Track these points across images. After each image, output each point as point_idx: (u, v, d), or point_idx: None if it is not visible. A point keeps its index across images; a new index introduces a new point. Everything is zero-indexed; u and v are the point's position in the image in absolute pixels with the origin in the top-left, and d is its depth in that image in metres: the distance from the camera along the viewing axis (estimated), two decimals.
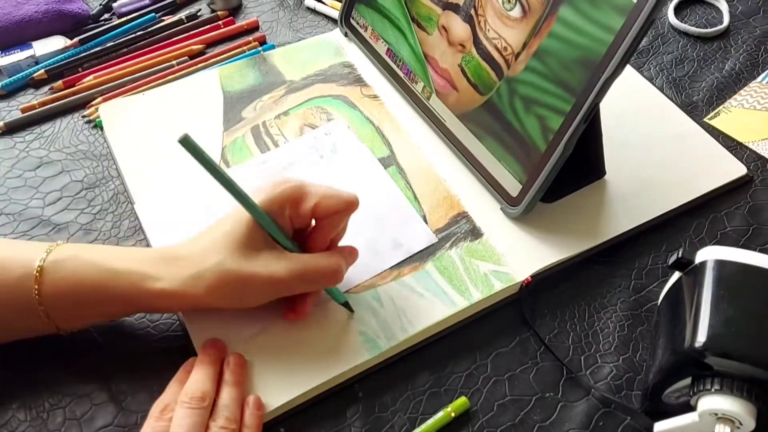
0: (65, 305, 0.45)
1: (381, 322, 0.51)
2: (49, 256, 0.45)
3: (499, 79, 0.55)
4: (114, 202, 0.59)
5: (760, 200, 0.59)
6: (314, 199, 0.46)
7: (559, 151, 0.51)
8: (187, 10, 0.77)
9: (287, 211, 0.46)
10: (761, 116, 0.66)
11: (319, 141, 0.62)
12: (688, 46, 0.73)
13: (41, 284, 0.44)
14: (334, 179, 0.59)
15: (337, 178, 0.60)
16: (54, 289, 0.45)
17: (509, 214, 0.56)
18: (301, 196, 0.46)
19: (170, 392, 0.45)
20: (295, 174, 0.60)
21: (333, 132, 0.63)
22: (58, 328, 0.47)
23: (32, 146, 0.64)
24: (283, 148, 0.62)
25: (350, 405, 0.48)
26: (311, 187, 0.47)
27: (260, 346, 0.49)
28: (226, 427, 0.43)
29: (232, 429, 0.43)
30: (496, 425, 0.47)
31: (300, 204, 0.46)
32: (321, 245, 0.48)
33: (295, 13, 0.77)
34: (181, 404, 0.43)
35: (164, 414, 0.43)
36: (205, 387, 0.44)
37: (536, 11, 0.52)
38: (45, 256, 0.45)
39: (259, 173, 0.60)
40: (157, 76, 0.69)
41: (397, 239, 0.55)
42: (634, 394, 0.49)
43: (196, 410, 0.43)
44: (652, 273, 0.55)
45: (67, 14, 0.73)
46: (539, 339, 0.51)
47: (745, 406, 0.39)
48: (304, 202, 0.46)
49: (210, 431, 0.43)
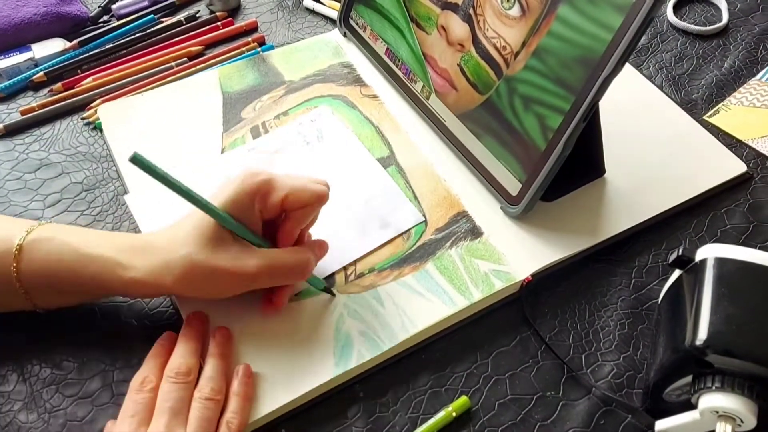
0: (41, 284, 0.47)
1: (382, 321, 0.51)
2: (29, 235, 0.46)
3: (498, 79, 0.55)
4: (114, 204, 0.59)
5: (759, 197, 0.59)
6: (283, 191, 0.47)
7: (559, 150, 0.51)
8: (186, 12, 0.77)
9: (256, 205, 0.47)
10: (761, 113, 0.66)
11: (305, 127, 0.63)
12: (687, 44, 0.73)
13: (19, 262, 0.46)
14: (320, 165, 0.60)
15: (324, 163, 0.60)
16: (31, 268, 0.46)
17: (509, 213, 0.56)
18: (269, 190, 0.47)
19: (147, 366, 0.46)
20: (282, 161, 0.61)
21: (318, 119, 0.63)
22: (35, 305, 0.48)
23: (32, 148, 0.64)
24: (269, 135, 0.63)
25: (351, 405, 0.48)
26: (280, 180, 0.47)
27: (261, 347, 0.49)
28: (210, 398, 0.44)
29: (216, 400, 0.44)
30: (497, 424, 0.47)
31: (269, 197, 0.47)
32: (290, 237, 0.49)
33: (294, 14, 0.77)
34: (166, 379, 0.45)
35: (144, 386, 0.45)
36: (190, 361, 0.46)
37: (535, 10, 0.52)
38: (25, 235, 0.46)
39: (246, 160, 0.61)
40: (156, 77, 0.69)
41: (384, 219, 0.56)
42: (635, 392, 0.49)
43: (181, 384, 0.44)
44: (652, 271, 0.55)
45: (66, 16, 0.73)
46: (540, 338, 0.51)
47: (746, 404, 0.39)
48: (273, 195, 0.47)
49: (194, 402, 0.44)
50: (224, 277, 0.46)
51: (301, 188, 0.47)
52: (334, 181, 0.58)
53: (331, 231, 0.55)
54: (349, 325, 0.50)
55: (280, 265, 0.47)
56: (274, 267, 0.47)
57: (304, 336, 0.50)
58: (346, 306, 0.52)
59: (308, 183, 0.48)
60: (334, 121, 0.63)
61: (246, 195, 0.46)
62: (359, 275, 0.53)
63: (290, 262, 0.48)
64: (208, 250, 0.45)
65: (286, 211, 0.48)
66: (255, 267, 0.46)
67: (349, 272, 0.54)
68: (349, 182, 0.59)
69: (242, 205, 0.46)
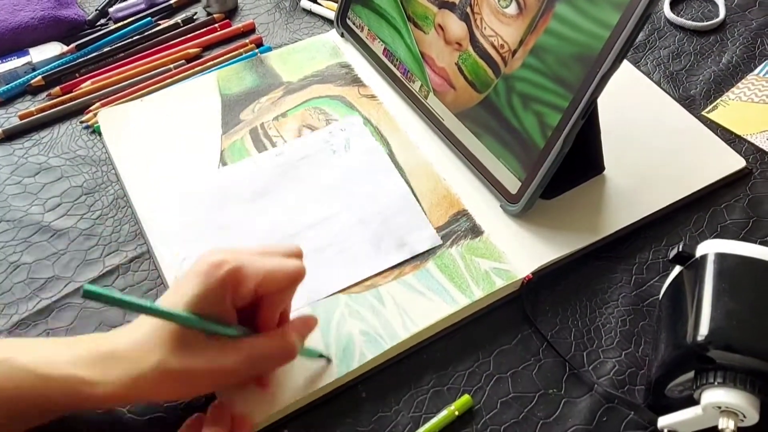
0: (3, 414, 0.41)
1: (383, 321, 0.51)
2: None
3: (496, 77, 0.55)
4: (114, 207, 0.59)
5: (759, 192, 0.59)
6: (254, 280, 0.42)
7: (558, 148, 0.51)
8: (183, 14, 0.76)
9: (227, 296, 0.42)
10: (759, 108, 0.66)
11: (334, 136, 0.62)
12: (684, 40, 0.73)
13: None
14: (343, 175, 0.60)
15: (347, 174, 0.60)
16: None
17: (509, 211, 0.56)
18: (239, 279, 0.42)
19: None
20: (306, 168, 0.60)
21: (348, 128, 0.63)
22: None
23: (31, 152, 0.64)
24: (298, 140, 0.62)
25: (354, 405, 0.48)
26: (250, 267, 0.42)
27: None
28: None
29: None
30: (499, 422, 0.47)
31: (239, 287, 0.42)
32: (270, 322, 0.45)
33: (291, 15, 0.77)
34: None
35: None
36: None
37: (532, 8, 0.52)
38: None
39: (275, 165, 0.60)
40: (154, 80, 0.69)
41: (402, 239, 0.55)
42: (637, 389, 0.49)
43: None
44: (652, 267, 0.55)
45: (64, 20, 0.73)
46: (541, 336, 0.51)
47: (749, 399, 0.39)
48: (244, 285, 0.42)
49: None
50: (202, 378, 0.42)
51: (273, 272, 0.43)
52: (354, 193, 0.58)
53: (346, 245, 0.55)
54: (350, 326, 0.50)
55: (261, 354, 0.43)
56: (255, 358, 0.43)
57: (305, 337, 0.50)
58: (348, 306, 0.52)
59: (281, 264, 0.44)
60: (364, 132, 0.63)
61: (213, 290, 0.41)
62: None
63: (272, 349, 0.44)
64: (179, 353, 0.41)
65: (260, 297, 0.44)
66: (234, 362, 0.42)
67: None
68: (369, 196, 0.57)
69: (210, 301, 0.41)
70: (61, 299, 0.54)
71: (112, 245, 0.57)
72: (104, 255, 0.56)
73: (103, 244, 0.57)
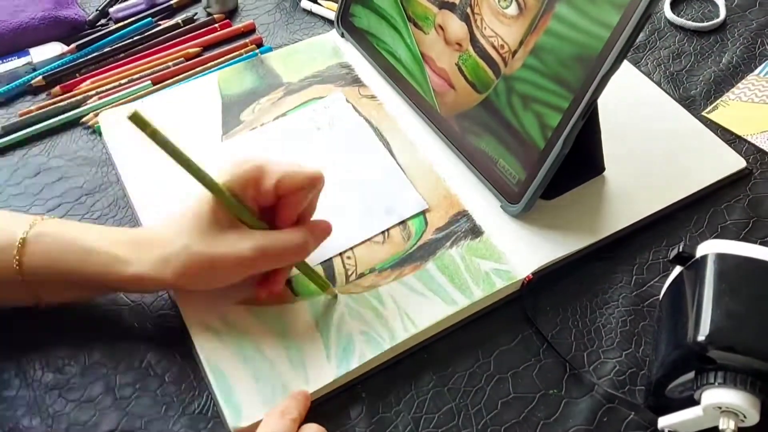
0: (44, 278, 0.47)
1: (383, 322, 0.51)
2: (32, 229, 0.47)
3: (496, 77, 0.55)
4: (114, 208, 0.59)
5: (759, 193, 0.59)
6: (275, 176, 0.46)
7: (558, 148, 0.51)
8: (183, 14, 0.76)
9: (250, 191, 0.47)
10: (759, 109, 0.66)
11: (317, 113, 0.64)
12: (684, 41, 0.73)
13: (22, 255, 0.46)
14: (328, 151, 0.61)
15: (332, 149, 0.61)
16: (33, 262, 0.46)
17: (509, 211, 0.56)
18: (261, 176, 0.46)
19: None
20: (291, 145, 0.62)
21: (332, 105, 0.64)
22: (36, 299, 0.48)
23: (31, 153, 0.64)
24: (281, 119, 0.64)
25: (354, 406, 0.48)
26: (272, 165, 0.47)
27: (263, 348, 0.49)
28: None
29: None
30: (500, 423, 0.47)
31: (261, 183, 0.46)
32: (288, 222, 0.48)
33: (291, 15, 0.77)
34: None
35: None
36: None
37: (532, 8, 0.52)
38: (28, 229, 0.47)
39: (260, 144, 0.62)
40: (154, 77, 0.69)
41: (388, 205, 0.57)
42: (637, 389, 0.49)
43: None
44: (653, 268, 0.55)
45: (64, 20, 0.73)
46: (542, 336, 0.51)
47: (749, 399, 0.39)
48: (266, 181, 0.46)
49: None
50: (222, 264, 0.46)
51: (293, 172, 0.47)
52: (340, 166, 0.60)
53: (334, 216, 0.55)
54: (350, 326, 0.50)
55: (276, 245, 0.47)
56: (270, 248, 0.47)
57: (305, 337, 0.50)
58: (347, 306, 0.52)
59: (301, 167, 0.48)
60: (347, 108, 0.64)
61: (238, 183, 0.46)
62: (360, 275, 0.53)
63: (287, 241, 0.47)
64: (205, 239, 0.46)
65: (280, 196, 0.48)
66: (251, 250, 0.46)
67: (349, 272, 0.54)
68: (355, 168, 0.60)
69: (236, 193, 0.46)
70: None
71: None
72: None
73: None
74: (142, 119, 0.41)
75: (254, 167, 0.46)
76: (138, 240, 0.47)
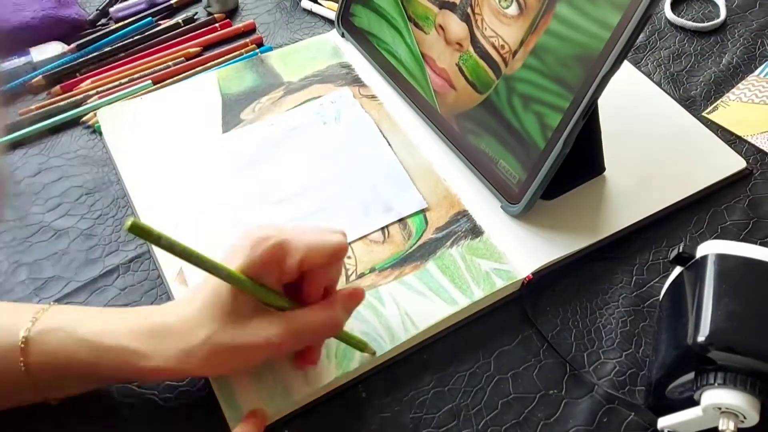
0: (53, 378, 0.43)
1: (383, 322, 0.51)
2: (34, 326, 0.43)
3: (496, 78, 0.55)
4: (114, 207, 0.59)
5: (759, 193, 0.59)
6: (299, 254, 0.43)
7: (558, 148, 0.51)
8: (183, 14, 0.76)
9: (273, 272, 0.43)
10: (759, 109, 0.66)
11: (324, 108, 0.65)
12: (685, 41, 0.73)
13: (27, 356, 0.42)
14: (332, 146, 0.62)
15: (336, 144, 0.62)
16: (40, 362, 0.43)
17: (509, 211, 0.56)
18: (284, 254, 0.43)
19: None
20: (297, 138, 0.62)
21: (339, 100, 0.65)
22: (46, 398, 0.45)
23: (31, 152, 0.64)
24: (289, 112, 0.64)
25: (354, 406, 0.48)
26: (294, 241, 0.43)
27: None
28: None
29: None
30: (500, 423, 0.47)
31: (284, 261, 0.43)
32: (316, 296, 0.45)
33: (292, 15, 0.77)
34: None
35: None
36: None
37: (533, 9, 0.52)
38: (30, 325, 0.43)
39: (266, 136, 0.62)
40: (154, 76, 0.69)
41: (388, 203, 0.57)
42: (637, 389, 0.49)
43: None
44: (653, 268, 0.55)
45: (64, 20, 0.73)
46: (542, 336, 0.51)
47: (749, 400, 0.39)
48: (289, 259, 0.43)
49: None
50: (251, 351, 0.43)
51: (317, 246, 0.43)
52: (343, 161, 0.60)
53: (335, 210, 0.57)
54: (350, 326, 0.50)
55: (307, 326, 0.44)
56: (301, 330, 0.43)
57: None
58: None
59: (324, 237, 0.44)
60: (354, 104, 0.65)
61: (259, 264, 0.42)
62: (360, 275, 0.53)
63: (317, 321, 0.44)
64: (229, 327, 0.42)
65: (305, 272, 0.44)
66: (281, 335, 0.42)
67: (349, 272, 0.54)
68: (358, 164, 0.60)
69: (256, 275, 0.42)
70: (62, 299, 0.54)
71: (113, 245, 0.57)
72: (104, 255, 0.56)
73: (103, 244, 0.57)
74: (143, 227, 0.37)
75: (275, 245, 0.42)
76: (156, 331, 0.43)
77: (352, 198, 0.58)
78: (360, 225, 0.56)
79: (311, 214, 0.57)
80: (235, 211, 0.57)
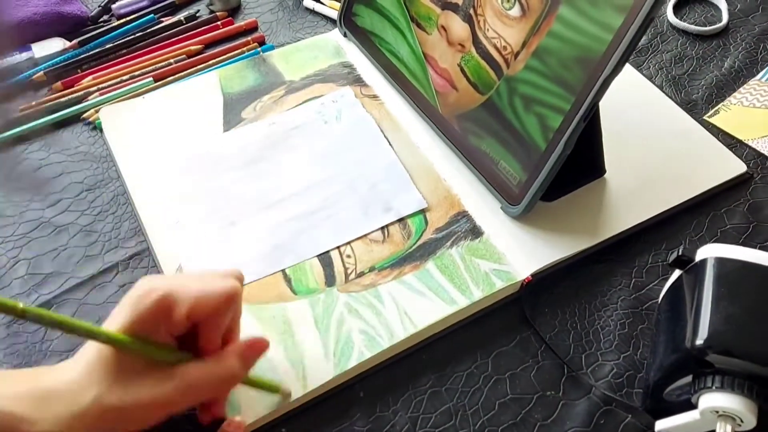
0: None
1: (382, 321, 0.51)
2: None
3: (498, 79, 0.55)
4: (114, 204, 0.59)
5: (759, 197, 0.59)
6: (186, 305, 0.41)
7: (559, 150, 0.51)
8: (185, 11, 0.77)
9: (160, 325, 0.41)
10: (761, 114, 0.66)
11: (326, 107, 0.65)
12: (687, 45, 0.73)
13: None
14: (333, 145, 0.62)
15: (337, 144, 0.62)
16: None
17: (509, 213, 0.56)
18: (170, 305, 0.41)
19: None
20: (298, 137, 0.62)
21: (340, 100, 0.65)
22: None
23: (32, 148, 0.64)
24: (290, 111, 0.64)
25: (352, 405, 0.48)
26: (180, 292, 0.41)
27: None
28: None
29: None
30: (497, 424, 0.47)
31: (171, 314, 0.41)
32: (214, 345, 0.43)
33: (294, 14, 0.77)
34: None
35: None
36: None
37: (535, 10, 0.52)
38: None
39: (267, 135, 0.63)
40: (156, 73, 0.69)
41: (388, 203, 0.57)
42: (635, 392, 0.49)
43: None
44: (652, 271, 0.55)
45: (66, 16, 0.73)
46: (540, 337, 0.51)
47: (747, 404, 0.39)
48: (176, 311, 0.41)
49: None
50: (143, 411, 0.40)
51: (205, 295, 0.41)
52: (343, 161, 0.61)
53: (334, 209, 0.57)
54: (349, 324, 0.50)
55: (198, 381, 0.41)
56: (196, 385, 0.41)
57: (303, 335, 0.50)
58: (347, 305, 0.52)
59: (214, 285, 0.42)
60: (355, 104, 0.65)
61: (144, 318, 0.40)
62: (359, 274, 0.53)
63: (210, 375, 0.42)
64: (116, 387, 0.39)
65: (195, 322, 0.42)
66: (175, 391, 0.40)
67: (349, 271, 0.54)
68: (358, 164, 0.60)
69: (143, 329, 0.40)
70: (61, 295, 0.54)
71: (112, 242, 0.57)
72: (104, 251, 0.56)
73: (103, 241, 0.57)
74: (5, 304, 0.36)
75: (160, 298, 0.40)
76: (42, 394, 0.40)
77: (352, 197, 0.58)
78: (360, 224, 0.56)
79: (311, 214, 0.57)
80: (234, 210, 0.57)
